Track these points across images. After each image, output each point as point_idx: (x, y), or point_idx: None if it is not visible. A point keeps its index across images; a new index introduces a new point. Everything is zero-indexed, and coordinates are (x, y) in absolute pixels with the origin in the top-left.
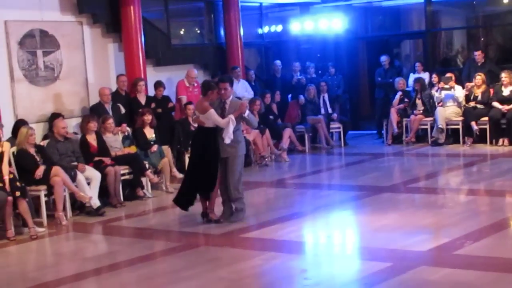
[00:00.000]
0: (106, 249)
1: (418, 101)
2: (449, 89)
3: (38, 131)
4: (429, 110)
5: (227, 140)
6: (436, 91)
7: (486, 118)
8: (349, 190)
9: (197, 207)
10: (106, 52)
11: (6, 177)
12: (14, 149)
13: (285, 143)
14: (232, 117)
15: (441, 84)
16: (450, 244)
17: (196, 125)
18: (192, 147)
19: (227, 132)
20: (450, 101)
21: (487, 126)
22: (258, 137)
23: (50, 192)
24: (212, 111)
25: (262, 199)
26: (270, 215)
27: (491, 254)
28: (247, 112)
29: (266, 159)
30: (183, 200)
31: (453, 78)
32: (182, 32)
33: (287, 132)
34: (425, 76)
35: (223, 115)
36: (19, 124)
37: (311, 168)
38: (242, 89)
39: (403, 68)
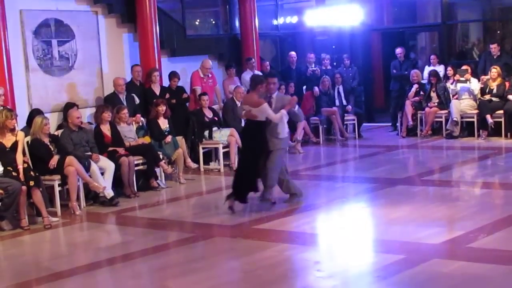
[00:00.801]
0: (119, 239)
1: (433, 94)
2: (465, 81)
3: (52, 121)
4: (444, 102)
5: (284, 134)
6: (452, 83)
7: (501, 111)
8: (363, 182)
9: (211, 198)
10: (121, 42)
11: (20, 167)
12: (28, 138)
13: (299, 134)
14: (284, 111)
15: (457, 77)
16: (463, 237)
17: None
18: (243, 141)
19: (283, 125)
20: (466, 94)
21: (502, 119)
22: None
23: (64, 182)
24: (266, 105)
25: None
26: (284, 207)
27: (505, 247)
28: (297, 106)
29: None
30: (240, 192)
31: (469, 70)
32: (197, 23)
33: (301, 124)
34: (440, 68)
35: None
36: (34, 113)
37: (325, 160)
38: None
39: (418, 60)
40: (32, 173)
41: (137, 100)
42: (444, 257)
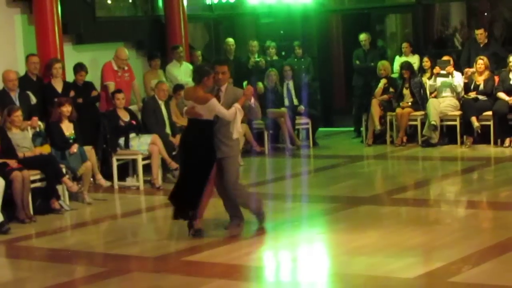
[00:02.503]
0: (11, 275)
1: (406, 91)
2: (446, 75)
3: None
4: (420, 102)
5: (236, 135)
6: (429, 78)
7: (490, 113)
8: (319, 201)
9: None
10: (11, 26)
11: None
12: None
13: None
14: (238, 106)
15: (436, 70)
16: (444, 269)
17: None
18: (183, 146)
19: (236, 124)
20: (447, 90)
21: (491, 123)
22: None
23: None
24: (215, 100)
25: (210, 212)
26: (220, 233)
27: (494, 281)
28: (252, 99)
29: None
30: (184, 210)
31: (451, 62)
32: (109, 2)
33: (242, 129)
34: (415, 59)
35: None
36: None
37: (272, 174)
38: (185, 73)
39: (387, 49)
40: None
41: (34, 99)
42: None
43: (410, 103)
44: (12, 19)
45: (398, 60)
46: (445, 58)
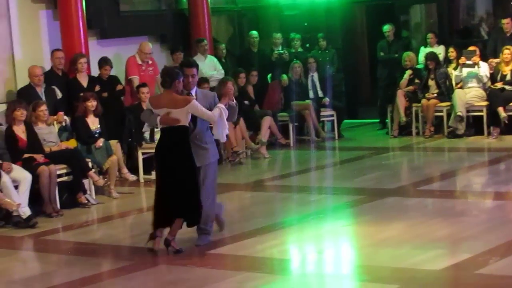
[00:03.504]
0: (38, 269)
1: (431, 82)
2: (472, 66)
3: None
4: (445, 93)
5: (224, 138)
6: (455, 69)
7: None
8: (344, 194)
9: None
10: (37, 22)
11: None
12: None
13: (264, 135)
14: (222, 105)
15: (462, 60)
16: (470, 261)
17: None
18: (159, 157)
19: (224, 126)
20: (473, 81)
21: None
22: (230, 128)
23: None
24: (196, 102)
25: (235, 205)
26: (245, 226)
27: None
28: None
29: (241, 156)
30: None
31: (477, 52)
32: None
33: (267, 122)
34: (440, 50)
35: None
36: None
37: (297, 167)
38: (209, 67)
39: (411, 40)
40: None
41: (59, 94)
42: (446, 287)
43: (435, 94)
44: (37, 14)
45: (423, 51)
46: (471, 48)
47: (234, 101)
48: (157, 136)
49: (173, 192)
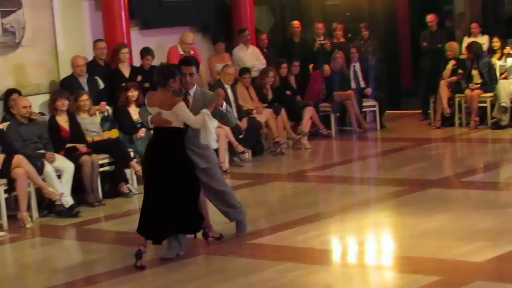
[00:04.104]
0: (81, 258)
1: (475, 72)
2: None
3: None
4: (488, 83)
5: (214, 144)
6: (499, 59)
7: None
8: (386, 184)
9: None
10: (80, 12)
11: None
12: None
13: (305, 125)
14: (207, 111)
15: (507, 50)
16: None
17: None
18: (146, 159)
19: (209, 132)
20: None
21: None
22: (271, 118)
23: (11, 187)
24: (183, 104)
25: (276, 195)
26: (287, 216)
27: None
28: (224, 104)
29: (282, 146)
30: (150, 230)
31: None
32: None
33: (309, 112)
34: (484, 40)
35: None
36: None
37: (339, 157)
38: (252, 57)
39: (455, 30)
40: None
41: (102, 84)
42: (490, 279)
43: (479, 84)
44: (80, 5)
45: (467, 41)
46: None
47: (224, 105)
48: None
49: (164, 202)
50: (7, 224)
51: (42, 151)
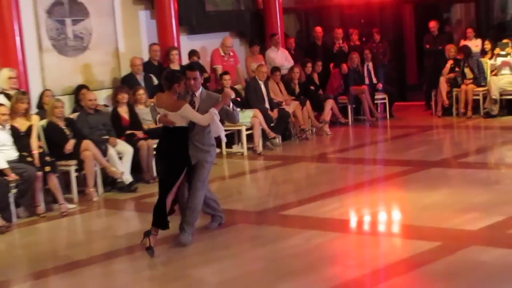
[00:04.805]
0: (138, 226)
1: (467, 70)
2: (506, 55)
3: (68, 104)
4: (479, 77)
5: (223, 134)
6: (490, 58)
7: None
8: (395, 165)
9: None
10: (137, 20)
11: (36, 152)
12: (43, 122)
13: (326, 115)
14: (215, 110)
15: (497, 51)
16: (504, 223)
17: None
18: (159, 155)
19: (218, 126)
20: (506, 69)
21: None
22: (298, 109)
23: (80, 167)
24: (187, 106)
25: (302, 174)
26: (311, 192)
27: None
28: (231, 104)
29: (307, 132)
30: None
31: (510, 44)
32: None
33: (329, 104)
34: (478, 42)
35: None
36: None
37: (355, 142)
38: (281, 58)
39: (453, 34)
40: (47, 158)
41: (155, 81)
42: (482, 244)
43: (471, 80)
44: (137, 14)
45: (463, 44)
46: (505, 40)
47: (231, 105)
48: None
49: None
50: (77, 198)
51: (106, 137)
